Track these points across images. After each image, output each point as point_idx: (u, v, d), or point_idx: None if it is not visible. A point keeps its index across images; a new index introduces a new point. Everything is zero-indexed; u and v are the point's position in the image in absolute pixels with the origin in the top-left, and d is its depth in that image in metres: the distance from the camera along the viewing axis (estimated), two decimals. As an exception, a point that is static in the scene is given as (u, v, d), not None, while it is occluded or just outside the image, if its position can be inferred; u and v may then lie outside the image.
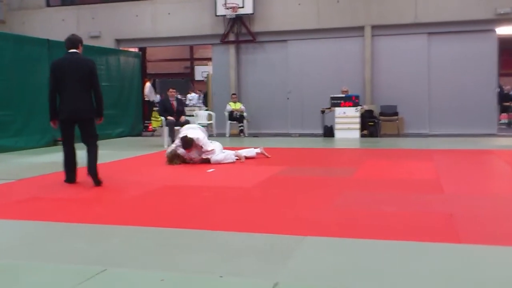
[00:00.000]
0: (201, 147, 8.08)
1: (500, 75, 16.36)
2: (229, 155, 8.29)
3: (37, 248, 3.76)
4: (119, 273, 3.18)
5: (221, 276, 3.05)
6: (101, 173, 6.34)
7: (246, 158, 8.50)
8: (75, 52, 6.40)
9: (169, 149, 8.40)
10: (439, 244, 3.63)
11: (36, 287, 2.98)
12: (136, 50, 17.56)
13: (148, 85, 16.90)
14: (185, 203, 5.41)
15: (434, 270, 3.11)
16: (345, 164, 8.42)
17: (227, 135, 14.55)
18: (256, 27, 15.68)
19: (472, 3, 13.95)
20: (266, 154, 8.87)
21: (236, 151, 8.59)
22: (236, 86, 16.09)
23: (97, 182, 6.27)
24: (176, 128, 11.00)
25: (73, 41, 6.45)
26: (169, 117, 11.26)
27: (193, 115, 14.96)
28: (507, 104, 17.57)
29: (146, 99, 16.62)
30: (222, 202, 5.34)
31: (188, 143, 8.01)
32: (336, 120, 13.59)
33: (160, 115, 12.01)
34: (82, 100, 6.30)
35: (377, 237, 3.85)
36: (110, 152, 10.44)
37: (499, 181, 6.95)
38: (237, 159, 8.34)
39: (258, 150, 8.88)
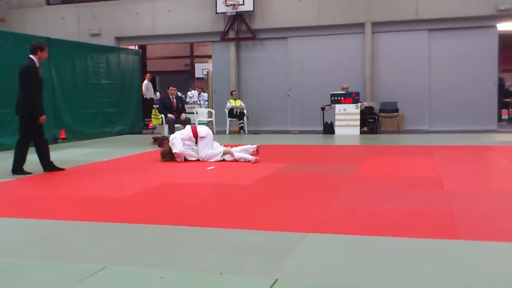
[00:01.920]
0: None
1: (501, 71, 16.35)
2: (214, 154, 8.15)
3: (37, 246, 3.77)
4: (119, 271, 3.18)
5: (221, 273, 3.06)
6: (102, 171, 6.36)
7: (241, 160, 8.10)
8: (28, 57, 7.08)
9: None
10: (439, 241, 3.63)
11: (36, 285, 2.98)
12: (136, 47, 17.56)
13: (145, 82, 16.87)
14: (185, 200, 5.41)
15: (434, 266, 3.11)
16: (345, 161, 8.42)
17: (227, 132, 14.55)
18: (256, 24, 15.66)
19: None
20: (257, 152, 8.67)
21: (229, 148, 8.34)
22: (236, 83, 16.09)
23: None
24: (176, 125, 11.01)
25: (31, 47, 7.14)
26: (169, 115, 11.26)
27: (193, 113, 14.97)
28: (507, 100, 17.55)
29: (144, 96, 16.59)
30: (222, 200, 5.34)
31: (159, 140, 8.66)
32: (336, 117, 13.58)
33: (160, 112, 12.01)
34: (18, 99, 7.15)
35: (377, 233, 3.85)
36: (110, 150, 10.46)
37: (499, 178, 6.93)
38: (224, 159, 8.11)
39: (254, 147, 8.73)
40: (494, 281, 2.91)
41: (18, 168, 7.16)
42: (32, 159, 7.38)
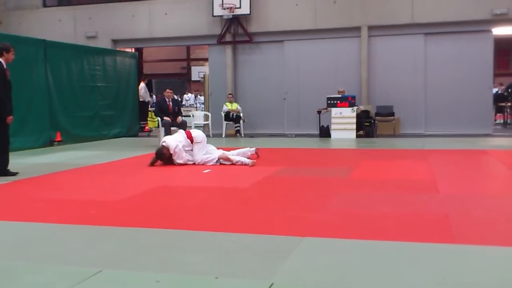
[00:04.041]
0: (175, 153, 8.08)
1: (496, 75, 16.41)
2: (210, 160, 8.13)
3: (32, 249, 3.76)
4: (115, 274, 3.18)
5: (216, 277, 3.06)
6: (98, 174, 6.34)
7: (238, 163, 8.08)
8: None
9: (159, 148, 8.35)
10: (435, 245, 3.64)
11: (31, 289, 2.97)
12: (133, 50, 17.54)
13: (142, 85, 16.85)
14: (181, 203, 5.41)
15: (430, 270, 3.12)
16: (341, 165, 8.43)
17: (223, 136, 14.55)
18: (253, 28, 15.68)
19: (468, 4, 13.99)
20: (257, 154, 8.63)
21: (224, 152, 8.32)
22: (233, 86, 16.09)
23: None
24: (172, 128, 10.99)
25: None
26: (165, 118, 11.25)
27: (189, 116, 14.97)
28: (503, 104, 17.62)
29: (140, 99, 16.55)
30: (218, 203, 5.34)
31: (161, 155, 8.07)
32: (332, 120, 13.60)
33: (156, 115, 11.99)
34: None
35: (373, 237, 3.86)
36: (106, 153, 10.44)
37: (494, 182, 6.97)
38: (221, 163, 8.11)
39: (253, 150, 8.65)
40: (490, 285, 2.92)
41: (3, 170, 7.15)
42: (14, 162, 7.36)
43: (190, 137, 8.24)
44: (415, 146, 11.03)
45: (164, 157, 8.09)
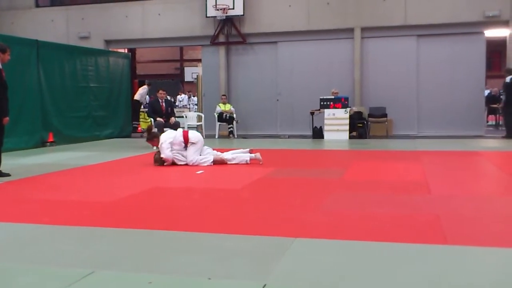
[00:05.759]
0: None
1: (488, 77, 16.51)
2: (203, 161, 8.14)
3: (24, 250, 3.74)
4: (107, 275, 3.17)
5: (209, 278, 3.06)
6: (90, 174, 6.32)
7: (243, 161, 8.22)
8: None
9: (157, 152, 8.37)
10: (427, 246, 3.66)
11: (23, 290, 2.96)
12: (126, 51, 17.51)
13: (145, 87, 16.75)
14: (174, 205, 5.40)
15: (422, 271, 3.13)
16: (334, 166, 8.45)
17: (217, 137, 14.55)
18: (246, 29, 15.70)
19: (461, 6, 14.07)
20: (260, 159, 8.31)
21: (219, 154, 8.35)
22: (226, 87, 16.10)
23: None
24: (165, 129, 10.97)
25: None
26: (158, 119, 11.23)
27: (183, 117, 14.95)
28: (495, 106, 17.71)
29: (135, 98, 16.46)
30: (211, 204, 5.34)
31: (151, 135, 8.66)
32: (326, 121, 13.63)
33: (149, 116, 11.97)
34: None
35: (366, 238, 3.87)
36: (98, 154, 10.41)
37: (486, 183, 7.01)
38: (214, 163, 8.13)
39: (252, 156, 8.34)
40: (482, 286, 2.93)
41: None
42: (7, 163, 7.32)
43: (186, 137, 8.19)
44: (407, 147, 11.07)
45: (151, 137, 8.61)
